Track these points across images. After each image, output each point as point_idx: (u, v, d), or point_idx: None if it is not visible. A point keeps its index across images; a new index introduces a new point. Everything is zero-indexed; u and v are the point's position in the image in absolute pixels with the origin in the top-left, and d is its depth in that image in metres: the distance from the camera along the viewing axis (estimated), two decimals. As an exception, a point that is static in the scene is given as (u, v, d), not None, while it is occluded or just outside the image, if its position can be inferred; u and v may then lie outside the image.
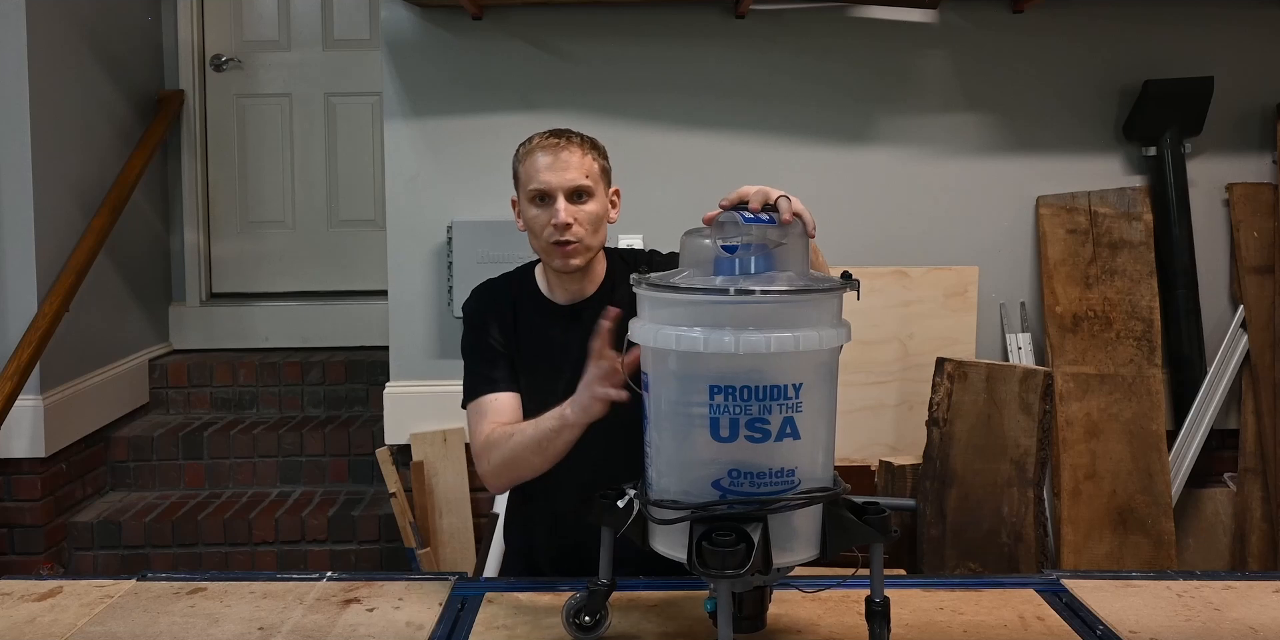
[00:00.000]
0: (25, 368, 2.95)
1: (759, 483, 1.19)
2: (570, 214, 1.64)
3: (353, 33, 4.13)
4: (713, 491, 1.19)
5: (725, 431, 1.18)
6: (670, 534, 1.23)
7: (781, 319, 1.19)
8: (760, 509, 1.18)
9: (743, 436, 1.18)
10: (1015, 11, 3.10)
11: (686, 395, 1.21)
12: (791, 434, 1.19)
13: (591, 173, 1.67)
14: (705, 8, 3.07)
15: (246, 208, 4.15)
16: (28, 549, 3.11)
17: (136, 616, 1.47)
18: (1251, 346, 3.11)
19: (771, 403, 1.18)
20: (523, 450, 1.59)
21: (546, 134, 1.70)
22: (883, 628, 1.28)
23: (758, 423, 1.18)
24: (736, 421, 1.18)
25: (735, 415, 1.18)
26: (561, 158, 1.65)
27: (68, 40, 3.32)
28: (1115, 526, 3.00)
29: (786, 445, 1.19)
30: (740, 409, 1.17)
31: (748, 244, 1.24)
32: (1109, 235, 3.10)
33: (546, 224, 1.66)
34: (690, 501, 1.20)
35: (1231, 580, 1.61)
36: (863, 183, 3.12)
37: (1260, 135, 3.17)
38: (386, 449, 3.02)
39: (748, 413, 1.17)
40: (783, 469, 1.19)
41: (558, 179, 1.65)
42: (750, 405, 1.17)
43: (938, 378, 2.82)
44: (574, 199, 1.66)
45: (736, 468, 1.19)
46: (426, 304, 3.10)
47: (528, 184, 1.67)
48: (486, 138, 3.03)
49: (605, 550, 1.35)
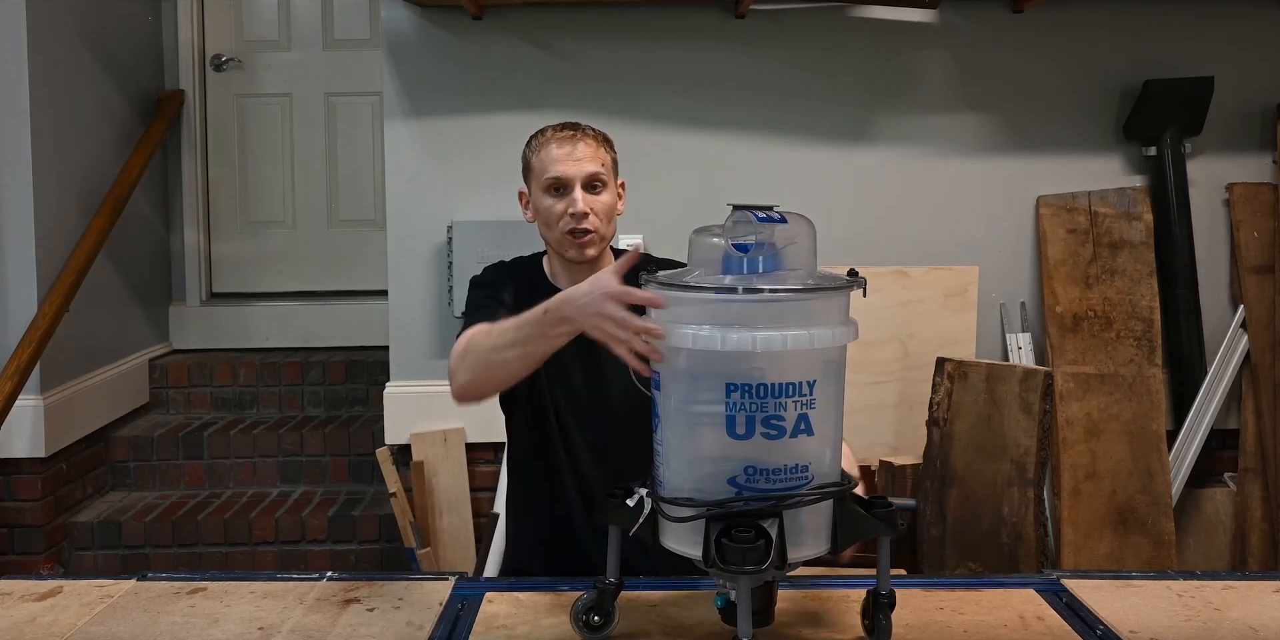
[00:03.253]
0: (25, 368, 2.95)
1: (774, 479, 1.19)
2: (587, 204, 1.66)
3: (353, 33, 4.13)
4: (728, 488, 1.20)
5: (741, 429, 1.19)
6: (683, 532, 1.23)
7: (795, 317, 1.20)
8: (776, 505, 1.18)
9: (759, 434, 1.18)
10: (1015, 11, 3.10)
11: (701, 393, 1.22)
12: (806, 430, 1.20)
13: (606, 164, 1.70)
14: (705, 8, 3.07)
15: (247, 208, 4.15)
16: (28, 549, 3.11)
17: (137, 616, 1.47)
18: (1251, 346, 3.11)
19: (787, 399, 1.19)
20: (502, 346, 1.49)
21: (559, 126, 1.72)
22: (886, 619, 1.29)
23: (773, 419, 1.18)
24: (753, 419, 1.18)
25: (751, 413, 1.18)
26: (578, 149, 1.67)
27: (68, 40, 3.32)
28: (1115, 526, 3.00)
29: (801, 441, 1.20)
30: (756, 406, 1.18)
31: (760, 243, 1.24)
32: (1109, 235, 3.10)
33: (563, 214, 1.67)
34: (705, 499, 1.20)
35: (1232, 580, 1.61)
36: (863, 183, 3.12)
37: (1260, 135, 3.17)
38: (387, 449, 3.02)
39: (764, 410, 1.18)
40: (797, 465, 1.20)
41: (575, 169, 1.66)
42: (766, 402, 1.18)
43: (938, 378, 2.82)
44: (590, 189, 1.67)
45: (752, 465, 1.19)
46: (426, 304, 3.10)
47: (543, 174, 1.68)
48: (486, 138, 3.03)
49: (613, 549, 1.34)
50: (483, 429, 3.06)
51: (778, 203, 1.29)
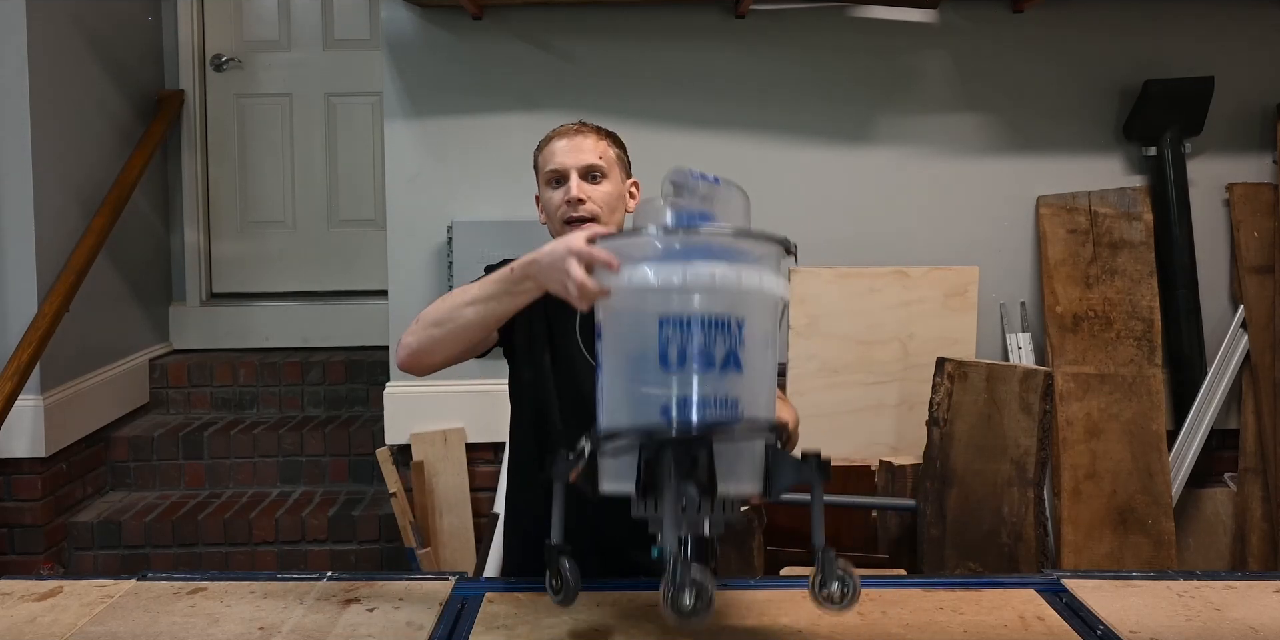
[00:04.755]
0: (25, 368, 2.95)
1: (704, 411, 1.24)
2: (583, 191, 1.67)
3: (353, 33, 4.13)
4: (661, 421, 1.24)
5: (674, 359, 1.24)
6: (621, 471, 1.26)
7: (723, 258, 1.27)
8: (706, 433, 1.23)
9: (691, 364, 1.24)
10: (1015, 11, 3.10)
11: (636, 330, 1.28)
12: (735, 366, 1.25)
13: (606, 156, 1.71)
14: (705, 8, 3.08)
15: (247, 208, 4.15)
16: (28, 549, 3.11)
17: (137, 616, 1.47)
18: (1252, 346, 3.11)
19: (716, 333, 1.25)
20: (461, 301, 1.54)
21: (564, 125, 1.75)
22: (832, 565, 1.28)
23: (704, 352, 1.24)
24: (684, 351, 1.24)
25: (683, 344, 1.24)
26: (576, 141, 1.70)
27: (68, 40, 3.32)
28: (1115, 526, 3.00)
29: (730, 377, 1.25)
30: (687, 338, 1.24)
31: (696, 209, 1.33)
32: (1109, 235, 3.10)
33: (560, 203, 1.69)
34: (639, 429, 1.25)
35: (1232, 580, 1.61)
36: (863, 183, 3.12)
37: (1260, 135, 3.17)
38: (387, 449, 3.02)
39: (693, 342, 1.24)
40: (726, 397, 1.25)
41: (572, 160, 1.69)
42: (695, 335, 1.24)
43: (938, 378, 2.81)
44: (588, 179, 1.69)
45: (685, 395, 1.24)
46: (427, 304, 3.08)
47: (544, 168, 1.72)
48: (487, 138, 3.03)
49: (557, 507, 1.36)
50: (483, 429, 3.06)
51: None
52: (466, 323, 1.55)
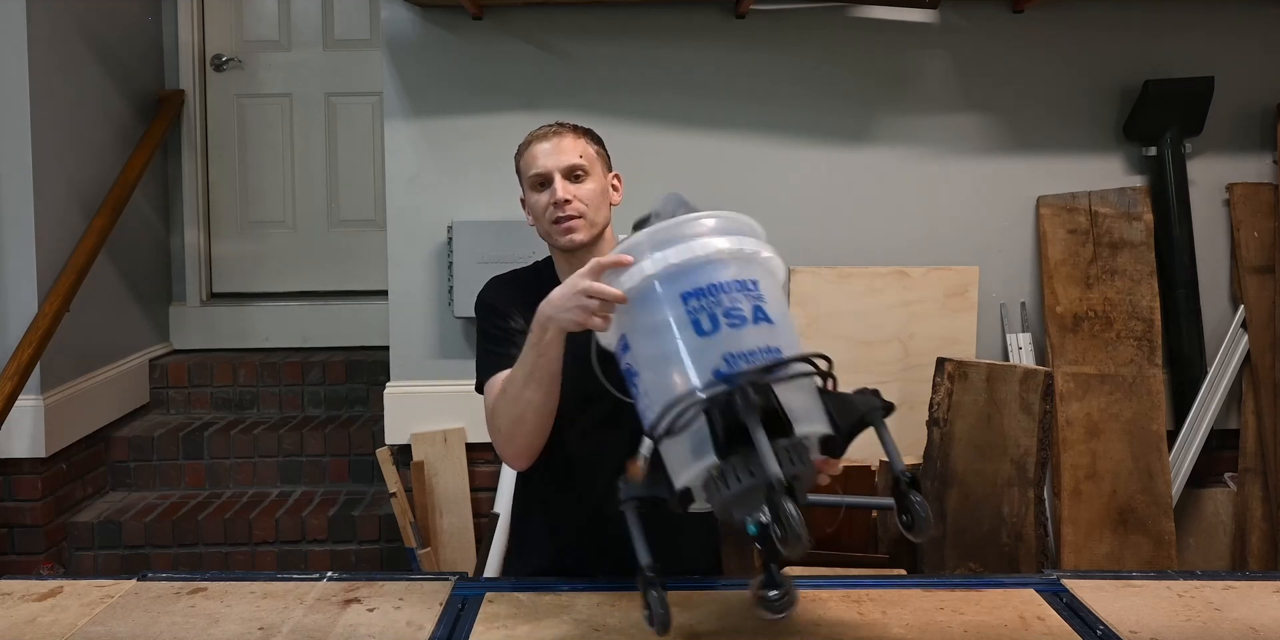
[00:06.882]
0: (25, 368, 2.95)
1: (753, 360, 1.28)
2: (568, 191, 1.69)
3: (353, 33, 4.13)
4: (715, 382, 1.27)
5: (707, 325, 1.30)
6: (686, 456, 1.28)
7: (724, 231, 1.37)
8: (767, 373, 1.25)
9: (724, 325, 1.30)
10: (1015, 11, 3.09)
11: (665, 313, 1.32)
12: (765, 319, 1.31)
13: (586, 154, 1.72)
14: (705, 8, 3.07)
15: (247, 208, 4.15)
16: (28, 549, 3.11)
17: (137, 616, 1.47)
18: (1252, 346, 3.11)
19: (738, 293, 1.32)
20: (517, 389, 1.57)
21: (540, 127, 1.76)
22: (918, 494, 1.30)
23: (732, 311, 1.31)
24: (715, 315, 1.30)
25: (712, 310, 1.30)
26: (556, 143, 1.72)
27: (68, 40, 3.32)
28: (1115, 526, 3.00)
29: (763, 328, 1.31)
30: (714, 302, 1.31)
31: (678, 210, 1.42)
32: (1109, 235, 3.10)
33: (547, 205, 1.70)
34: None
35: (1232, 580, 1.61)
36: (863, 183, 3.12)
37: (1260, 135, 3.17)
38: (387, 449, 3.02)
39: (720, 305, 1.31)
40: (768, 346, 1.29)
41: (554, 162, 1.70)
42: (720, 298, 1.31)
43: (938, 378, 2.81)
44: (571, 178, 1.70)
45: (729, 352, 1.28)
46: (427, 304, 3.10)
47: (528, 173, 1.73)
48: (487, 138, 3.03)
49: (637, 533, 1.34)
50: (483, 429, 3.03)
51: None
52: (539, 401, 1.58)
